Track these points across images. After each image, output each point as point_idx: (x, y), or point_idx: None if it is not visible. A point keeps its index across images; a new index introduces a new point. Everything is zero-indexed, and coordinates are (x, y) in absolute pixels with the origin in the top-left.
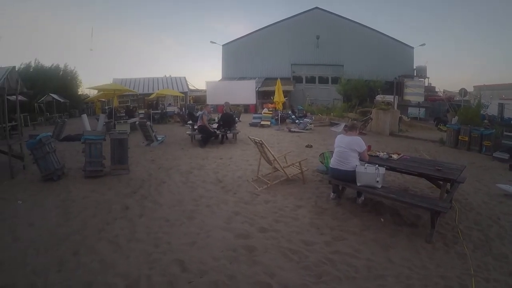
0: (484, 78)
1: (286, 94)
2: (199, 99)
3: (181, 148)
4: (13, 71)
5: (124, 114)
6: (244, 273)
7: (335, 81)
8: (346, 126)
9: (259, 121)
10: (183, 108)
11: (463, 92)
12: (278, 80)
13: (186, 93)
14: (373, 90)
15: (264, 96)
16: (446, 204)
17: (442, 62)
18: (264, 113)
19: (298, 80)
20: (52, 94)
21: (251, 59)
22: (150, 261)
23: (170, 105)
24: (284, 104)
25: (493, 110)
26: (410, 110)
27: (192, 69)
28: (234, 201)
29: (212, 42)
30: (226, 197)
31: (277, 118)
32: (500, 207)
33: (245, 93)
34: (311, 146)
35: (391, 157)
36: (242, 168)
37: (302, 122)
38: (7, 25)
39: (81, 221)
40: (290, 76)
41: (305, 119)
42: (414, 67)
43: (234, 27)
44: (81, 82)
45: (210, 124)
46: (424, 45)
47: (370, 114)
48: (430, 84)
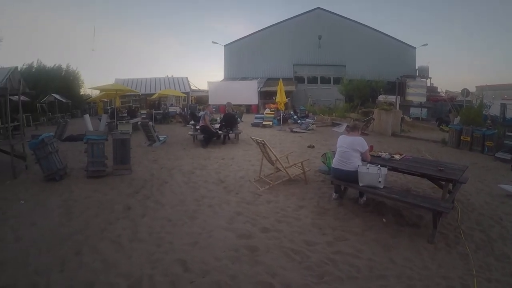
0: (486, 78)
1: (288, 94)
2: (201, 99)
3: (183, 148)
4: (15, 72)
5: (126, 114)
6: (246, 273)
7: (337, 81)
8: (348, 126)
9: (261, 121)
10: (185, 108)
11: (465, 92)
12: (280, 80)
13: (188, 93)
14: (375, 91)
15: (266, 96)
16: (448, 204)
17: (444, 62)
18: (266, 113)
19: (300, 80)
20: (54, 94)
21: (253, 59)
22: (152, 261)
23: (172, 105)
24: (286, 104)
25: (495, 110)
26: (412, 110)
27: (193, 69)
28: (236, 201)
29: (214, 43)
30: (228, 197)
31: (279, 118)
32: (502, 208)
33: (247, 93)
34: (313, 147)
35: (393, 157)
36: (244, 168)
37: (304, 122)
38: (10, 25)
39: (83, 221)
40: (292, 76)
41: (307, 120)
42: (416, 67)
43: (235, 27)
44: (83, 82)
45: (212, 124)
46: (426, 45)
47: (372, 114)
48: (432, 84)
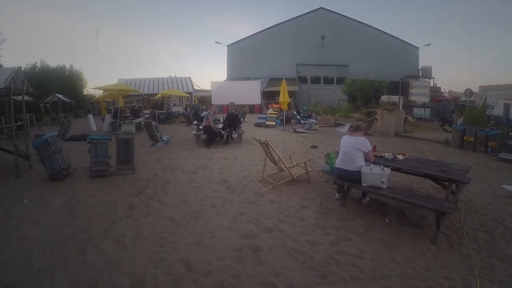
0: (489, 79)
1: (291, 94)
2: (204, 99)
3: (186, 148)
4: (19, 72)
5: (129, 114)
6: (249, 273)
7: (340, 81)
8: (351, 126)
9: (264, 121)
10: (188, 108)
11: (469, 92)
12: (283, 80)
13: (191, 93)
14: (378, 91)
15: (269, 96)
16: (451, 205)
17: (448, 62)
18: (269, 113)
19: (303, 80)
20: (57, 94)
21: (256, 59)
22: (156, 260)
23: (175, 105)
24: (289, 104)
25: (498, 110)
26: (416, 110)
27: (196, 69)
28: (239, 201)
29: (217, 43)
30: (231, 197)
31: (282, 118)
32: (505, 208)
33: (250, 93)
34: (316, 147)
35: (397, 157)
36: (247, 168)
37: (307, 122)
38: (12, 25)
39: (86, 220)
40: (295, 76)
41: (310, 120)
42: (420, 68)
43: (237, 28)
44: (86, 82)
45: (215, 124)
46: (429, 45)
47: (375, 114)
48: (436, 84)
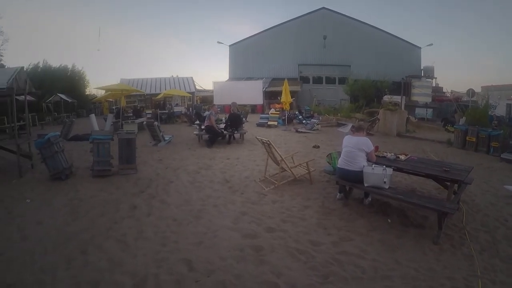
0: (492, 79)
1: (293, 94)
2: (206, 99)
3: (188, 148)
4: (21, 72)
5: (131, 114)
6: (251, 272)
7: (342, 81)
8: (353, 126)
9: (266, 121)
10: (190, 108)
11: (471, 92)
12: (285, 80)
13: (193, 93)
14: (380, 91)
15: (271, 96)
16: (454, 205)
17: (450, 62)
18: (271, 113)
19: (305, 80)
20: (60, 94)
21: (258, 59)
22: (158, 260)
23: (177, 105)
24: (291, 104)
25: (501, 110)
26: (418, 110)
27: (198, 69)
28: (241, 201)
29: (219, 43)
30: (233, 197)
31: (284, 118)
32: (507, 209)
33: (252, 93)
34: (318, 147)
35: (399, 157)
36: (249, 168)
37: (309, 122)
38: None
39: (89, 220)
40: (297, 76)
41: (312, 120)
42: (422, 68)
43: (238, 27)
44: (88, 82)
45: (217, 124)
46: (431, 45)
47: (377, 114)
48: (438, 84)
